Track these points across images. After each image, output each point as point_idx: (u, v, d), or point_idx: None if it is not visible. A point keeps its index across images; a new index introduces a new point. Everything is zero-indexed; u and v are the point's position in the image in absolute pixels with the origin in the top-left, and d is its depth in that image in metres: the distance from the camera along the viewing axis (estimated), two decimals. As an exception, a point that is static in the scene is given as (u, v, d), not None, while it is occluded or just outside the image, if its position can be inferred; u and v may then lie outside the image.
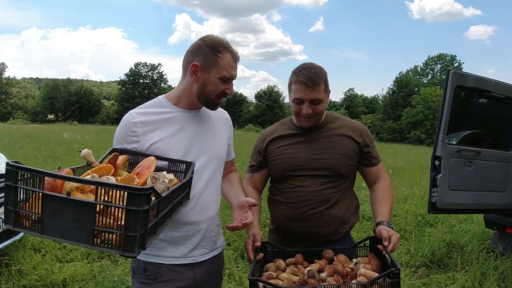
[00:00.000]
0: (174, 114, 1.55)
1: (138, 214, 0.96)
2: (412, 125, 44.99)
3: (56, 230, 0.99)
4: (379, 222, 1.73)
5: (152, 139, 1.49)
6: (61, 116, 56.36)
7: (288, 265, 1.62)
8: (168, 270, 1.54)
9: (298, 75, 1.75)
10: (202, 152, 1.58)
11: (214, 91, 1.51)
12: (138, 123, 1.49)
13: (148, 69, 61.01)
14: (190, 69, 1.50)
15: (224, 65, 1.49)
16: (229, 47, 1.52)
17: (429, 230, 5.24)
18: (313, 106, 1.76)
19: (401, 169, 12.04)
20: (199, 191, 1.56)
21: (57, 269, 3.54)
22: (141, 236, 0.98)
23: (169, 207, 1.24)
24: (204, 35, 1.56)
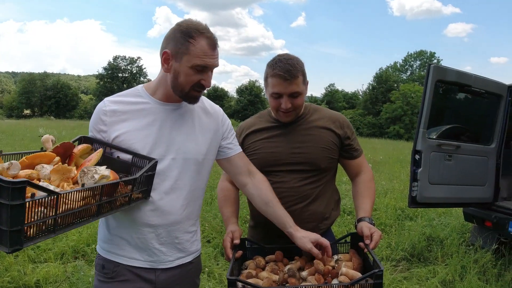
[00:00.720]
0: (149, 106, 1.43)
1: (7, 209, 0.88)
2: (391, 120, 45.75)
3: None
4: (361, 218, 1.68)
5: (119, 130, 1.39)
6: (37, 111, 54.96)
7: (268, 263, 1.57)
8: (125, 270, 1.44)
9: (274, 68, 1.65)
10: (171, 151, 1.43)
11: (187, 82, 1.36)
12: (108, 112, 1.40)
13: (127, 63, 59.99)
14: (162, 58, 1.37)
15: (196, 53, 1.32)
16: (204, 32, 1.34)
17: (409, 224, 5.28)
18: (292, 99, 1.67)
19: (381, 163, 12.21)
20: (161, 193, 1.42)
21: (30, 270, 3.42)
22: (14, 232, 0.90)
23: (91, 206, 1.14)
24: (182, 20, 1.41)
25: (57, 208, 1.01)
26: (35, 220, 0.96)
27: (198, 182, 1.51)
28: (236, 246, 1.61)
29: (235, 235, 1.64)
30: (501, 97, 3.74)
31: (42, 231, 1.00)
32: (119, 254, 1.44)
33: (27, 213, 0.93)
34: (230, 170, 1.63)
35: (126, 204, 1.30)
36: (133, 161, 1.37)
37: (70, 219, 1.08)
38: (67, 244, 3.99)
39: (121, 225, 1.44)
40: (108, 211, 1.24)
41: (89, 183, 1.14)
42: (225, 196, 1.84)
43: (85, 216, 1.14)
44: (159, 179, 1.41)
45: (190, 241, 1.54)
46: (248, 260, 1.61)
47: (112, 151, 1.40)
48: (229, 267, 1.41)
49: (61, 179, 1.16)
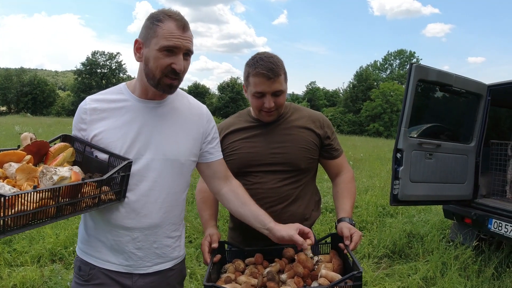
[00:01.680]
0: (128, 103, 1.38)
1: None
2: (371, 118, 46.47)
3: None
4: (341, 219, 1.67)
5: (98, 129, 1.35)
6: (13, 108, 53.46)
7: (248, 265, 1.54)
8: (100, 273, 1.39)
9: (256, 67, 1.61)
10: (149, 150, 1.37)
11: (156, 66, 1.29)
12: (88, 110, 1.37)
13: (106, 58, 58.82)
14: (134, 47, 1.34)
15: (163, 34, 1.26)
16: (172, 15, 1.30)
17: (390, 220, 5.35)
18: (275, 98, 1.64)
19: (361, 160, 12.36)
20: (137, 195, 1.36)
21: (6, 275, 3.31)
22: None
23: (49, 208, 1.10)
24: None
25: (5, 210, 0.97)
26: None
27: (179, 185, 1.45)
28: (215, 250, 1.57)
29: (213, 239, 1.60)
30: (481, 97, 3.81)
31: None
32: (95, 256, 1.40)
33: None
34: (207, 174, 1.56)
35: (95, 206, 1.24)
36: (110, 161, 1.32)
37: (24, 220, 1.04)
38: (44, 247, 3.87)
39: (97, 226, 1.39)
40: (71, 213, 1.18)
41: (48, 184, 1.10)
42: (204, 198, 1.80)
43: (42, 217, 1.10)
44: (136, 180, 1.35)
45: (172, 246, 1.48)
46: (228, 264, 1.57)
47: (92, 150, 1.35)
48: (206, 272, 1.38)
49: (27, 178, 1.13)
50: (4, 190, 1.00)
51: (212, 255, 1.54)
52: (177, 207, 1.47)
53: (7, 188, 1.02)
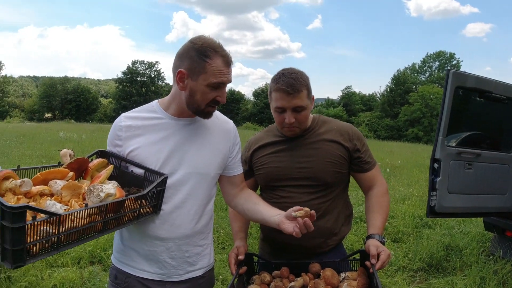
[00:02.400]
0: (162, 121, 1.45)
1: (9, 230, 0.94)
2: (409, 123, 45.03)
3: None
4: (370, 235, 1.62)
5: (133, 145, 1.42)
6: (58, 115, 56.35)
7: (274, 278, 1.55)
8: (135, 281, 1.46)
9: (278, 82, 1.62)
10: (183, 165, 1.44)
11: (203, 99, 1.37)
12: (123, 127, 1.44)
13: (146, 67, 60.91)
14: (176, 76, 1.38)
15: (212, 71, 1.34)
16: (219, 50, 1.36)
17: (427, 232, 5.16)
18: (295, 114, 1.64)
19: (399, 168, 11.97)
20: (171, 207, 1.43)
21: (47, 275, 3.46)
22: (16, 251, 0.96)
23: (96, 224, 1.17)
24: (195, 37, 1.41)
25: (60, 227, 1.04)
26: (39, 239, 1.00)
27: (208, 196, 1.52)
28: (241, 262, 1.60)
29: (240, 251, 1.63)
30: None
31: (45, 249, 1.05)
32: (131, 265, 1.47)
33: (30, 232, 0.98)
34: (226, 185, 1.63)
35: (135, 219, 1.32)
36: (145, 175, 1.40)
37: (75, 236, 1.11)
38: (84, 249, 4.05)
39: (133, 237, 1.46)
40: (115, 227, 1.26)
41: (95, 201, 1.16)
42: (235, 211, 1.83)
43: (90, 232, 1.17)
44: (170, 193, 1.42)
45: (201, 254, 1.54)
46: (255, 275, 1.60)
47: (127, 165, 1.43)
48: (229, 283, 1.41)
49: (72, 195, 1.20)
50: (56, 208, 1.07)
51: (238, 267, 1.57)
52: (206, 216, 1.53)
53: (58, 206, 1.09)
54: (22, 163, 6.44)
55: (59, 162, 1.37)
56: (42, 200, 1.13)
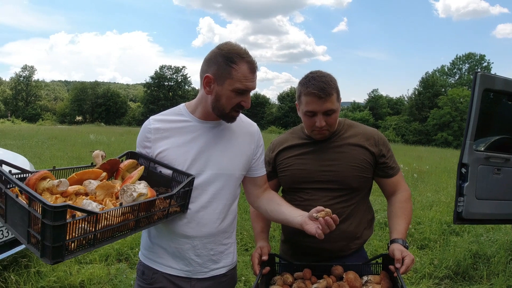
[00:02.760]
0: (189, 124, 1.51)
1: (50, 228, 0.98)
2: (438, 127, 43.76)
3: (12, 223, 1.11)
4: (393, 240, 1.62)
5: (162, 147, 1.48)
6: (88, 118, 58.18)
7: (296, 280, 1.57)
8: (162, 277, 1.52)
9: (308, 86, 1.63)
10: (209, 166, 1.49)
11: (228, 104, 1.42)
12: (152, 130, 1.50)
13: (173, 72, 62.09)
14: (203, 81, 1.43)
15: (238, 77, 1.38)
16: (245, 57, 1.40)
17: (454, 239, 5.02)
18: (326, 117, 1.65)
19: (427, 173, 11.67)
20: (198, 207, 1.49)
21: (75, 271, 3.57)
22: (55, 248, 1.00)
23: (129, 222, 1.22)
24: (222, 43, 1.46)
25: (96, 225, 1.10)
26: (77, 236, 1.06)
27: (233, 196, 1.57)
28: (264, 262, 1.62)
29: (263, 251, 1.66)
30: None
31: (82, 245, 1.10)
32: (158, 261, 1.53)
33: (69, 230, 1.03)
34: (249, 186, 1.67)
35: (164, 218, 1.37)
36: (173, 176, 1.45)
37: (109, 233, 1.17)
38: (112, 247, 4.17)
39: (160, 234, 1.52)
40: (146, 225, 1.31)
41: (128, 201, 1.22)
42: (257, 212, 1.84)
43: (124, 230, 1.23)
44: (197, 193, 1.47)
45: (225, 253, 1.58)
46: (277, 276, 1.62)
47: (156, 166, 1.50)
48: (254, 283, 1.43)
49: (106, 194, 1.26)
50: (92, 207, 1.14)
51: (262, 267, 1.60)
52: (230, 216, 1.58)
53: (94, 205, 1.15)
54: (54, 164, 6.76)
55: (92, 163, 1.45)
56: (78, 199, 1.20)
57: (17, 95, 61.75)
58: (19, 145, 12.80)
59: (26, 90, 62.37)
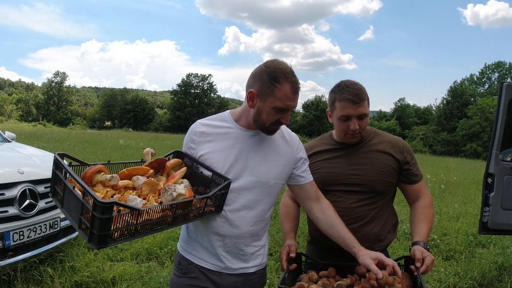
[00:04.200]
0: (232, 130, 1.60)
1: (98, 220, 1.12)
2: (468, 137, 42.53)
3: (68, 209, 1.29)
4: (415, 242, 1.70)
5: (204, 150, 1.60)
6: (117, 123, 59.82)
7: (321, 277, 1.64)
8: (196, 268, 1.64)
9: (343, 93, 1.75)
10: (246, 173, 1.57)
11: (268, 119, 1.49)
12: (198, 133, 1.62)
13: (199, 80, 63.11)
14: (247, 95, 1.51)
15: (280, 96, 1.44)
16: (289, 77, 1.45)
17: (480, 251, 4.94)
18: (359, 121, 1.77)
19: (455, 184, 11.44)
20: (232, 209, 1.57)
21: (108, 268, 3.72)
22: (101, 236, 1.15)
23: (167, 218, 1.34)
24: (269, 60, 1.53)
25: (138, 218, 1.24)
26: (120, 227, 1.19)
27: (267, 203, 1.65)
28: (292, 259, 1.71)
29: (291, 249, 1.75)
30: None
31: (124, 235, 1.23)
32: (193, 254, 1.65)
33: (114, 221, 1.17)
34: (300, 195, 1.72)
35: (199, 216, 1.49)
36: (212, 178, 1.57)
37: (149, 227, 1.31)
38: (142, 246, 4.34)
39: (197, 230, 1.65)
40: (182, 221, 1.45)
41: (168, 199, 1.35)
42: (286, 212, 1.96)
43: (162, 224, 1.36)
44: (232, 196, 1.57)
45: (255, 254, 1.68)
46: (303, 274, 1.70)
47: (198, 166, 1.62)
48: (281, 276, 1.52)
49: (150, 190, 1.40)
50: (136, 203, 1.27)
51: (289, 263, 1.69)
52: (263, 222, 1.67)
53: (138, 200, 1.27)
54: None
55: (142, 159, 1.59)
56: (126, 193, 1.35)
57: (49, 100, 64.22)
58: (51, 148, 13.26)
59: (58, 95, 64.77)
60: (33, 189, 3.27)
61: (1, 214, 3.00)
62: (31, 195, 3.24)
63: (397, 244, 4.99)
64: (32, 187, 3.27)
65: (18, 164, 3.47)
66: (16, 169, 3.28)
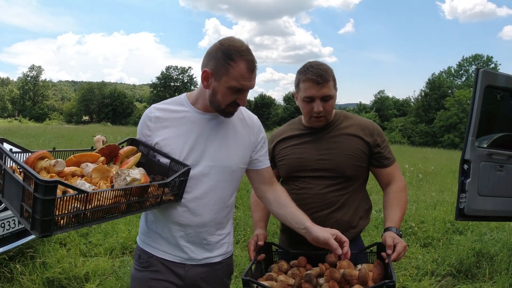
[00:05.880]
0: (188, 114, 1.52)
1: (40, 201, 1.02)
2: (445, 129, 43.52)
3: (8, 198, 1.17)
4: (387, 228, 1.64)
5: (160, 136, 1.50)
6: (95, 118, 58.68)
7: (292, 267, 1.58)
8: (157, 261, 1.54)
9: (306, 73, 1.69)
10: (205, 158, 1.50)
11: (223, 100, 1.42)
12: (152, 118, 1.52)
13: (179, 73, 62.55)
14: (202, 75, 1.44)
15: (234, 75, 1.37)
16: (245, 55, 1.38)
17: (458, 238, 5.01)
18: (323, 103, 1.70)
19: (432, 174, 11.63)
20: (192, 197, 1.49)
21: (81, 263, 3.63)
22: (44, 221, 1.04)
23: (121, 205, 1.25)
24: (224, 37, 1.44)
25: (87, 204, 1.13)
26: (66, 213, 1.09)
27: (229, 189, 1.57)
28: (260, 249, 1.65)
29: (259, 238, 1.68)
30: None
31: (72, 223, 1.13)
32: (153, 246, 1.55)
33: (59, 206, 1.06)
34: (254, 179, 1.67)
35: (157, 205, 1.39)
36: (170, 165, 1.47)
37: (100, 214, 1.19)
38: (117, 241, 4.24)
39: (156, 220, 1.55)
40: (137, 210, 1.33)
41: (121, 184, 1.24)
42: (256, 201, 1.88)
43: (114, 212, 1.25)
44: (193, 183, 1.48)
45: (220, 243, 1.60)
46: (274, 264, 1.64)
47: (155, 154, 1.52)
48: (246, 268, 1.44)
49: (101, 177, 1.29)
50: (85, 187, 1.16)
51: (257, 253, 1.62)
52: (226, 209, 1.59)
53: (87, 185, 1.18)
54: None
55: (92, 146, 1.47)
56: (73, 180, 1.23)
57: (24, 95, 62.69)
58: (26, 143, 12.91)
59: (34, 90, 63.28)
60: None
61: (-38, 211, 2.83)
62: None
63: (375, 232, 5.00)
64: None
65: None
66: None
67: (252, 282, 1.35)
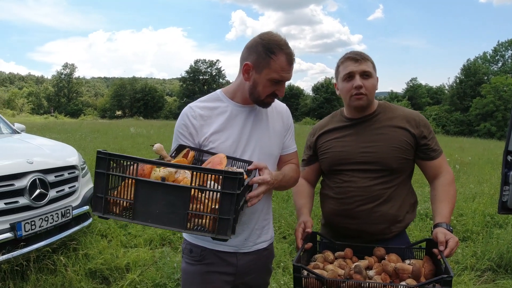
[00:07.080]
0: (229, 108, 1.58)
1: (233, 198, 1.01)
2: (481, 117, 41.71)
3: (149, 216, 1.06)
4: (437, 224, 1.60)
5: (206, 133, 1.54)
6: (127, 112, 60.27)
7: (337, 258, 1.58)
8: (211, 254, 1.59)
9: (345, 55, 1.76)
10: (250, 147, 1.57)
11: (264, 92, 1.49)
12: (197, 116, 1.56)
13: (207, 66, 63.08)
14: (243, 68, 1.50)
15: (275, 68, 1.45)
16: (284, 48, 1.46)
17: (498, 231, 4.83)
18: (363, 80, 1.70)
19: (469, 164, 11.21)
20: None
21: (122, 254, 3.73)
22: (233, 219, 1.03)
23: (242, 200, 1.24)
24: (263, 32, 1.52)
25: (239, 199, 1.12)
26: None
27: None
28: (307, 237, 1.65)
29: (307, 225, 1.68)
30: None
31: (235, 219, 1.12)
32: (206, 239, 1.59)
33: None
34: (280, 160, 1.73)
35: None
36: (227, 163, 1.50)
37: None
38: (155, 232, 4.35)
39: None
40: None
41: None
42: (298, 190, 1.88)
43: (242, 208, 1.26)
44: None
45: (265, 228, 1.67)
46: (318, 254, 1.64)
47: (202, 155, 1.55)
48: (296, 255, 1.46)
49: None
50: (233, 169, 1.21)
51: (304, 241, 1.62)
52: (270, 194, 1.68)
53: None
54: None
55: (160, 156, 1.45)
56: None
57: (59, 92, 64.99)
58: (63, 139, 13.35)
59: (68, 87, 65.50)
60: (43, 178, 3.26)
61: (12, 205, 3.00)
62: (42, 184, 3.24)
63: (412, 225, 4.91)
64: (42, 176, 3.26)
65: (28, 154, 3.46)
66: (25, 160, 3.27)
67: (304, 269, 1.36)
